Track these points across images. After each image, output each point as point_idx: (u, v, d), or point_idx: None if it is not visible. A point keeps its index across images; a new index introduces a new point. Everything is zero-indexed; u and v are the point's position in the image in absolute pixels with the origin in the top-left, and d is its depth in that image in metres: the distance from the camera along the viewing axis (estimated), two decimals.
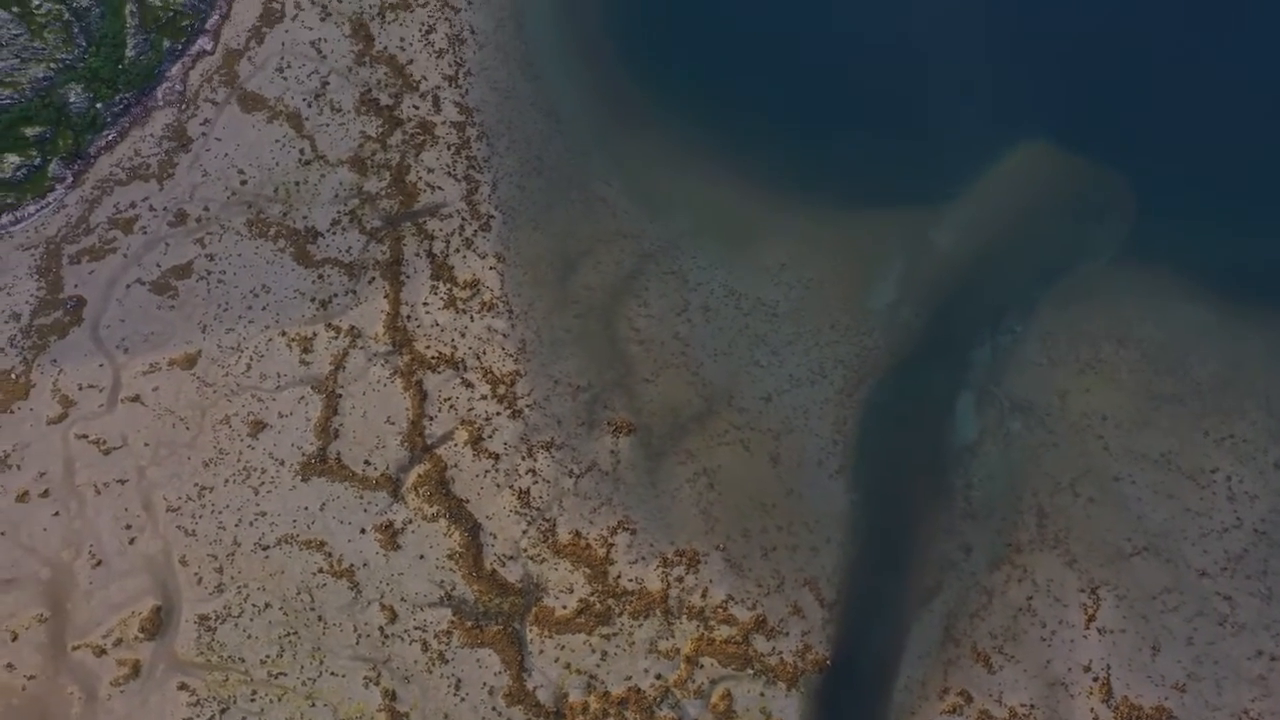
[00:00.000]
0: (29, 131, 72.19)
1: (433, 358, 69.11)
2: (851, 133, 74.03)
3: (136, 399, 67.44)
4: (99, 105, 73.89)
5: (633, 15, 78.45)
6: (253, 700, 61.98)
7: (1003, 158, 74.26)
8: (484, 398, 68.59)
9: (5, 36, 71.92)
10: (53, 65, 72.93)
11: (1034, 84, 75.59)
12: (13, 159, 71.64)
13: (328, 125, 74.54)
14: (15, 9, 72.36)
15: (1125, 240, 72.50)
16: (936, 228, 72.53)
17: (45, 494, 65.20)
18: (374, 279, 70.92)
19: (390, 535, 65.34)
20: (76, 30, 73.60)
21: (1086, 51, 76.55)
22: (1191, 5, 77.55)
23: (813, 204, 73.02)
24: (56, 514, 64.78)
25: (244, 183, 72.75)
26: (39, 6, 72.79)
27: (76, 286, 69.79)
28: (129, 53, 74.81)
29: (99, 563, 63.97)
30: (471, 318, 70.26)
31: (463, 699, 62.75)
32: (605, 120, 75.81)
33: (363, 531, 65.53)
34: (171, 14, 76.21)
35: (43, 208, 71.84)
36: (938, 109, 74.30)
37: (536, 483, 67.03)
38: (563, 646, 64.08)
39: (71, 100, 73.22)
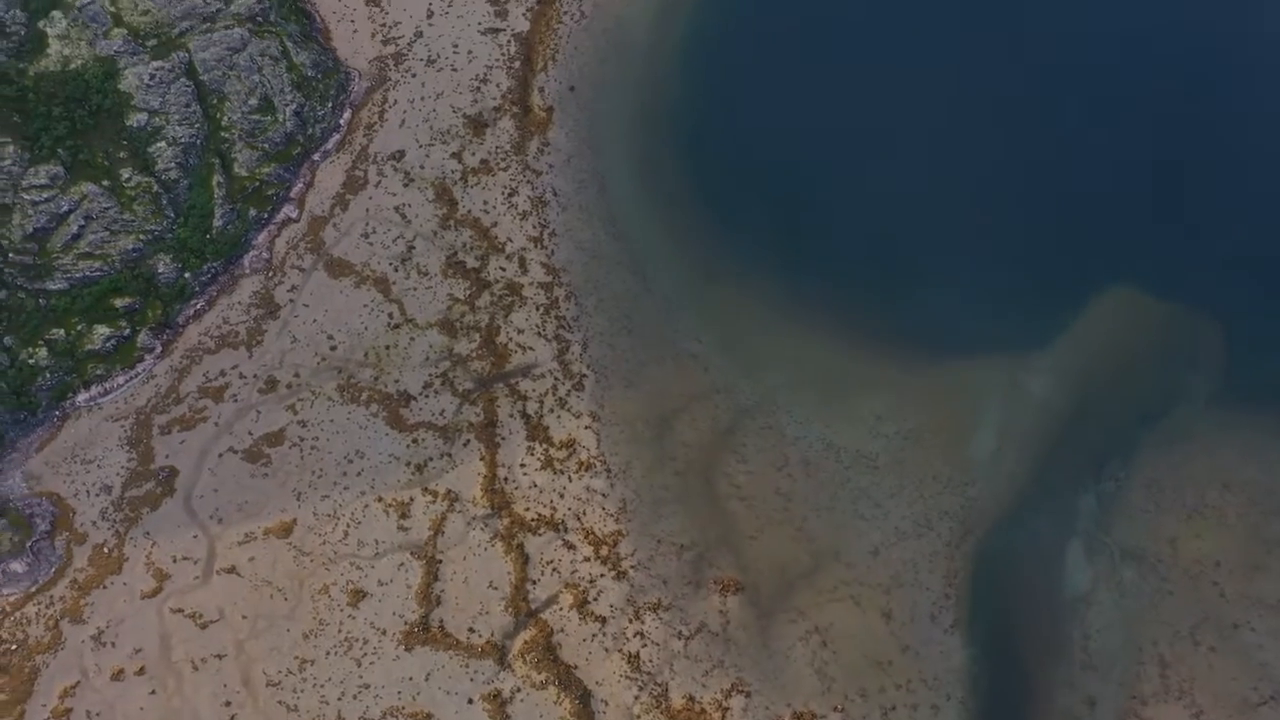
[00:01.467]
0: (118, 303, 76.09)
1: (533, 520, 71.67)
2: (939, 282, 78.01)
3: (232, 570, 69.58)
4: (187, 275, 78.06)
5: (714, 173, 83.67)
6: None
7: (1090, 303, 78.30)
8: (587, 559, 70.92)
9: (96, 210, 76.35)
10: (142, 237, 77.24)
11: (1117, 228, 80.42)
12: (102, 330, 75.33)
13: (415, 289, 78.66)
14: (105, 183, 76.99)
15: (1219, 382, 76.09)
16: (1030, 375, 76.34)
17: (141, 671, 66.85)
18: (469, 441, 73.92)
19: (499, 705, 66.84)
20: (165, 202, 78.18)
21: (1167, 194, 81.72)
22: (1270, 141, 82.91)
23: (906, 354, 76.79)
24: (153, 692, 66.33)
25: (334, 348, 76.36)
26: (128, 180, 77.43)
27: (168, 457, 72.62)
28: (216, 222, 79.33)
29: None
30: (570, 478, 73.09)
31: None
32: (692, 277, 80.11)
33: (470, 702, 67.03)
34: (257, 184, 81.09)
35: (132, 378, 75.30)
36: (1023, 257, 78.91)
37: (646, 646, 68.89)
38: None
39: (160, 270, 77.33)
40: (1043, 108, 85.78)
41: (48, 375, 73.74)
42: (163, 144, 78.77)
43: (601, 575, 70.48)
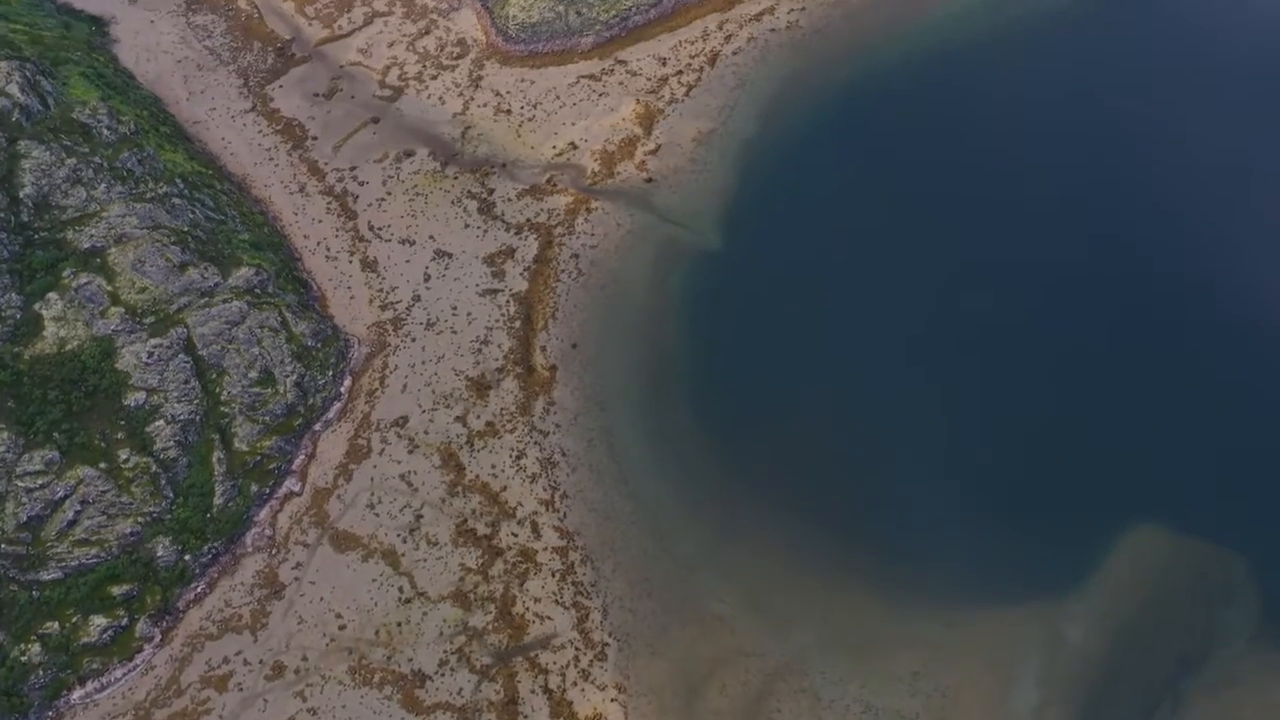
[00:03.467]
0: (115, 590, 76.13)
1: None
2: (964, 530, 79.95)
3: None
4: (187, 557, 78.54)
5: (724, 425, 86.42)
6: None
7: (1118, 544, 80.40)
8: None
9: (92, 494, 77.23)
10: (140, 519, 77.97)
11: (1140, 465, 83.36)
12: (99, 621, 75.11)
13: (425, 560, 79.50)
14: (102, 465, 78.15)
15: (1258, 619, 77.59)
16: (1066, 622, 77.62)
17: None
18: None
19: None
20: (164, 482, 79.27)
21: (1191, 428, 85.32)
22: None
23: (937, 606, 77.83)
24: None
25: (342, 627, 76.43)
26: (126, 461, 78.68)
27: None
28: (217, 500, 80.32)
29: None
30: None
31: None
32: (710, 534, 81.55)
33: None
34: (259, 458, 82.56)
35: (130, 671, 74.76)
36: (1049, 499, 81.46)
37: None
38: None
39: (159, 554, 77.78)
40: (1062, 338, 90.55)
41: (41, 673, 72.97)
42: (161, 422, 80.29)
43: None
